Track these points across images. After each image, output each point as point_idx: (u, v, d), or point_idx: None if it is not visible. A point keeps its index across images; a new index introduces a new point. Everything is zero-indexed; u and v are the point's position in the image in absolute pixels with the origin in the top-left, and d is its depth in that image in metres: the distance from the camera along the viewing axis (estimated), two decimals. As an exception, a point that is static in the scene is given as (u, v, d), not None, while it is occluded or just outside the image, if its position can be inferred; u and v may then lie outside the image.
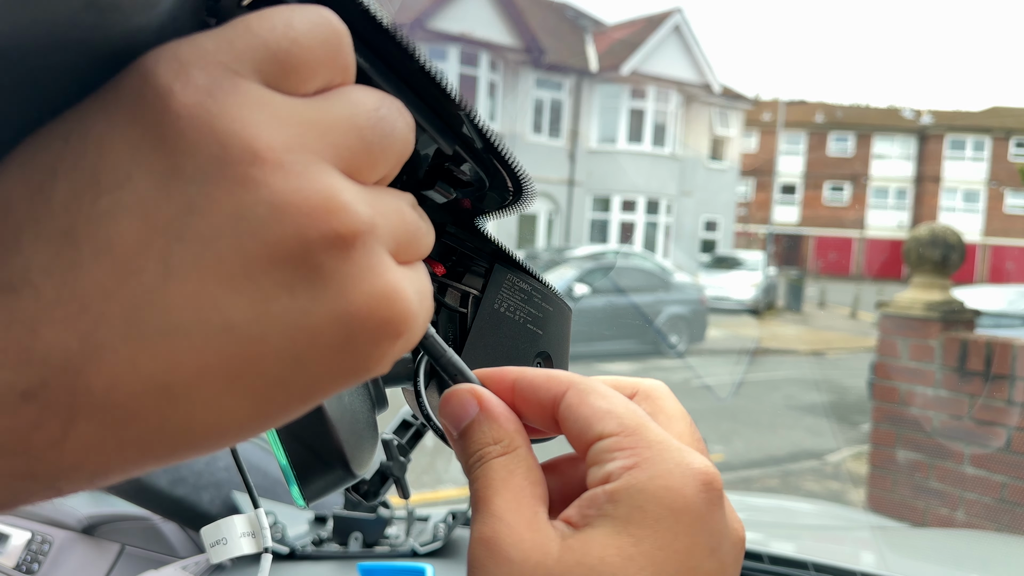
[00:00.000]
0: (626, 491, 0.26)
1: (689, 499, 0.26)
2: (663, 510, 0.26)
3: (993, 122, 28.36)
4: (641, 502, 0.26)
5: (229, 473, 0.98)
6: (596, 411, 0.28)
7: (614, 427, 0.28)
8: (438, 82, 0.26)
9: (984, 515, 2.83)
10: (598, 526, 0.26)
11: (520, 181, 0.33)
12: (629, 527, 0.25)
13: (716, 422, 6.05)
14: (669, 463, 0.26)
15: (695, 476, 0.26)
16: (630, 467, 0.26)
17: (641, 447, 0.27)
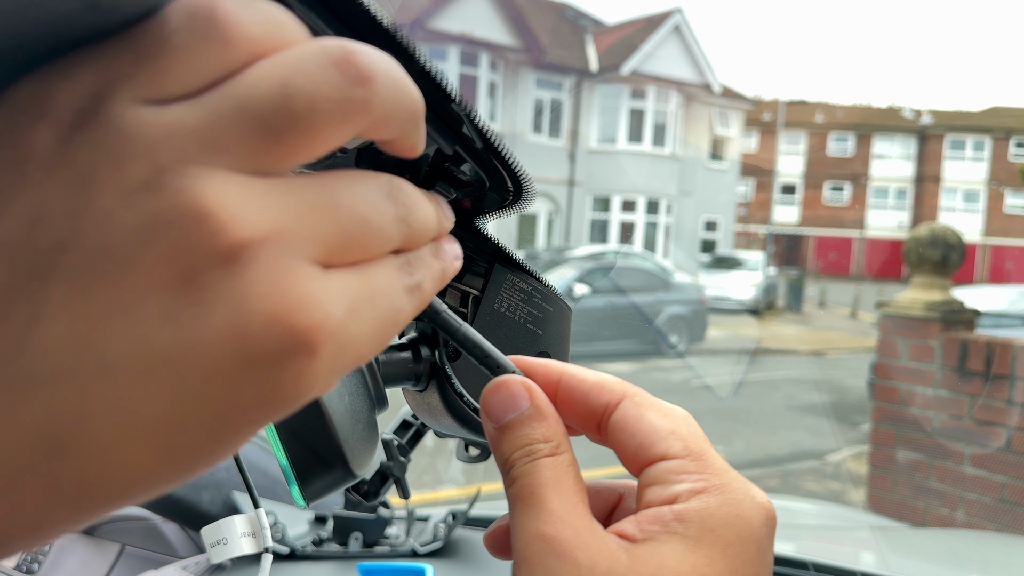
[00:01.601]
0: (697, 513, 0.26)
1: (756, 530, 0.26)
2: (734, 537, 0.26)
3: (993, 122, 28.36)
4: (713, 526, 0.26)
5: (229, 473, 0.98)
6: (658, 430, 0.28)
7: (679, 450, 0.28)
8: (438, 82, 0.26)
9: (984, 515, 2.83)
10: (667, 543, 0.26)
11: (520, 181, 0.33)
12: (702, 547, 0.26)
13: (716, 422, 6.05)
14: (739, 493, 0.27)
15: (760, 509, 0.27)
16: (699, 491, 0.27)
17: (709, 473, 0.27)
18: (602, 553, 0.25)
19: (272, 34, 0.18)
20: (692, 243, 19.66)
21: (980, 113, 30.02)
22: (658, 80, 17.98)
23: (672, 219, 18.63)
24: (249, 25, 0.18)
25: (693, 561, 0.25)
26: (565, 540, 0.26)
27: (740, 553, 0.26)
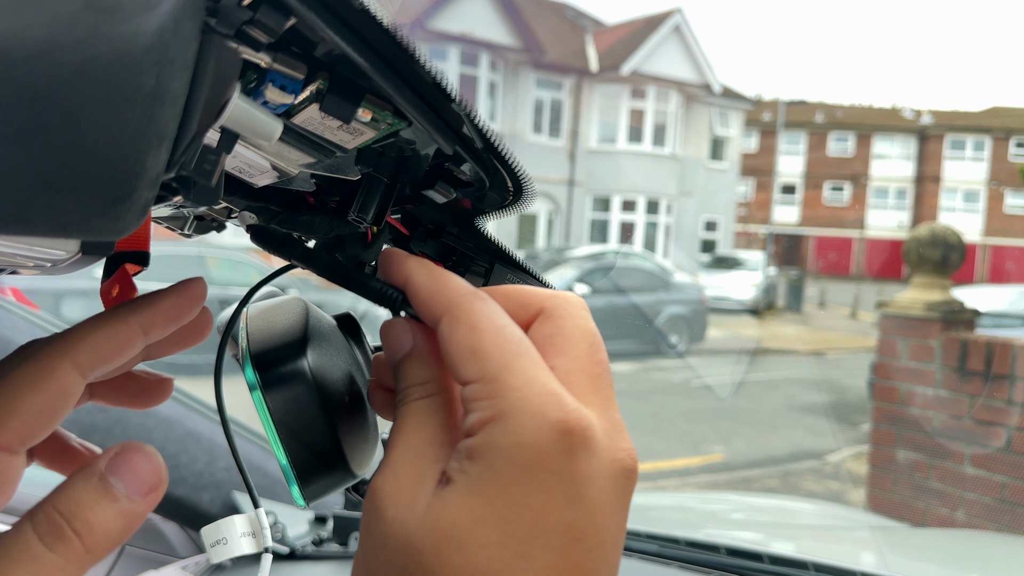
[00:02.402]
0: (480, 449, 0.25)
1: (542, 452, 0.24)
2: (514, 467, 0.24)
3: (993, 122, 28.35)
4: (493, 460, 0.24)
5: (229, 473, 0.98)
6: (461, 350, 0.26)
7: (475, 372, 0.26)
8: (438, 82, 0.26)
9: (984, 515, 2.83)
10: (456, 487, 0.25)
11: (520, 181, 0.33)
12: (481, 486, 0.24)
13: (716, 422, 6.05)
14: (524, 415, 0.24)
15: (551, 428, 0.24)
16: (486, 420, 0.25)
17: (499, 397, 0.25)
18: (406, 504, 0.25)
19: None
20: (692, 243, 19.65)
21: (980, 113, 30.01)
22: (658, 80, 17.97)
23: (672, 219, 18.62)
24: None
25: (471, 504, 0.24)
26: (385, 492, 0.26)
27: (523, 483, 0.24)
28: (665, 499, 2.55)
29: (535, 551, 0.24)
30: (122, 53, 0.18)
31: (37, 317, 0.96)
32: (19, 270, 0.32)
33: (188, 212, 0.41)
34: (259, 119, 0.26)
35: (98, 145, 0.20)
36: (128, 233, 0.24)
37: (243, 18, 0.22)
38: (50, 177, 0.20)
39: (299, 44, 0.25)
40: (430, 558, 0.24)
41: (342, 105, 0.27)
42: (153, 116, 0.21)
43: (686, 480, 4.63)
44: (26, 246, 0.26)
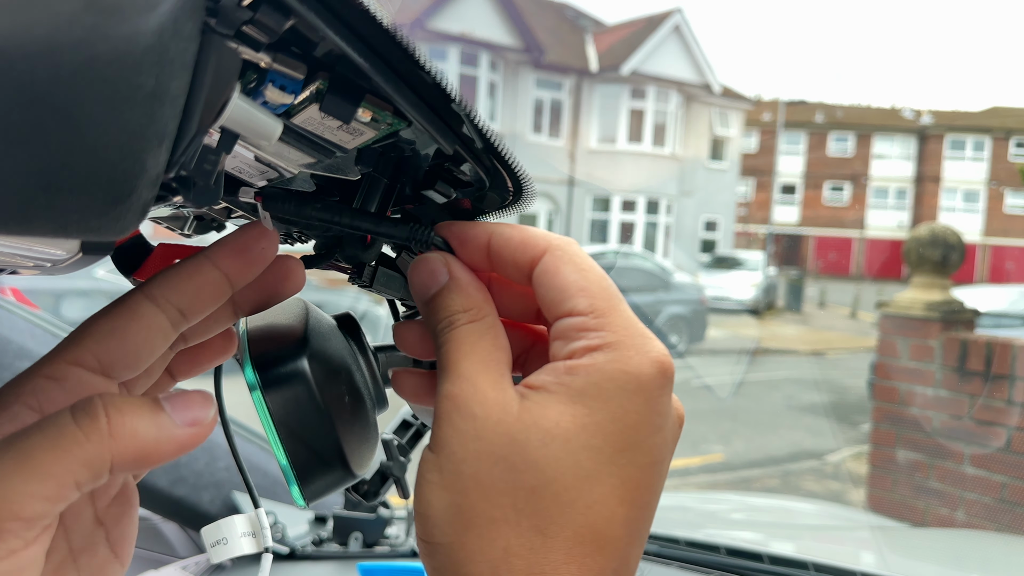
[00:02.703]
0: (585, 368, 0.28)
1: (644, 382, 0.28)
2: (617, 389, 0.28)
3: (993, 122, 28.36)
4: (598, 380, 0.28)
5: (229, 473, 0.98)
6: (570, 286, 0.29)
7: (584, 307, 0.29)
8: (438, 82, 0.26)
9: (984, 515, 2.83)
10: (554, 393, 0.28)
11: (520, 181, 0.33)
12: (584, 398, 0.27)
13: (716, 422, 6.05)
14: (631, 349, 0.28)
15: (652, 362, 0.28)
16: (593, 348, 0.28)
17: (607, 330, 0.28)
18: (497, 405, 0.28)
19: None
20: (692, 243, 19.66)
21: (980, 113, 30.03)
22: (658, 80, 17.97)
23: (672, 219, 18.63)
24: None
25: (574, 411, 0.27)
26: (466, 397, 0.28)
27: (624, 403, 0.28)
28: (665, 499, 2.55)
29: (623, 461, 0.28)
30: (122, 53, 0.18)
31: (37, 317, 0.96)
32: (19, 270, 0.32)
33: (188, 212, 0.41)
34: (259, 119, 0.26)
35: (98, 145, 0.20)
36: (128, 233, 0.24)
37: (243, 18, 0.22)
38: (50, 177, 0.20)
39: (299, 44, 0.25)
40: (535, 449, 0.27)
41: (342, 105, 0.27)
42: (153, 116, 0.21)
43: (686, 480, 4.63)
44: (26, 246, 0.26)
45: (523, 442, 0.27)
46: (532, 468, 0.27)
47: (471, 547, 0.27)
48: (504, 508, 0.27)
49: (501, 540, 0.27)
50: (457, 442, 0.28)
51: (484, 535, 0.27)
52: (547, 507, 0.27)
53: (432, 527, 0.28)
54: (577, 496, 0.27)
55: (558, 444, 0.27)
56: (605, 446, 0.27)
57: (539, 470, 0.27)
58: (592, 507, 0.27)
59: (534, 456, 0.27)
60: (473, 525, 0.27)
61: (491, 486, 0.27)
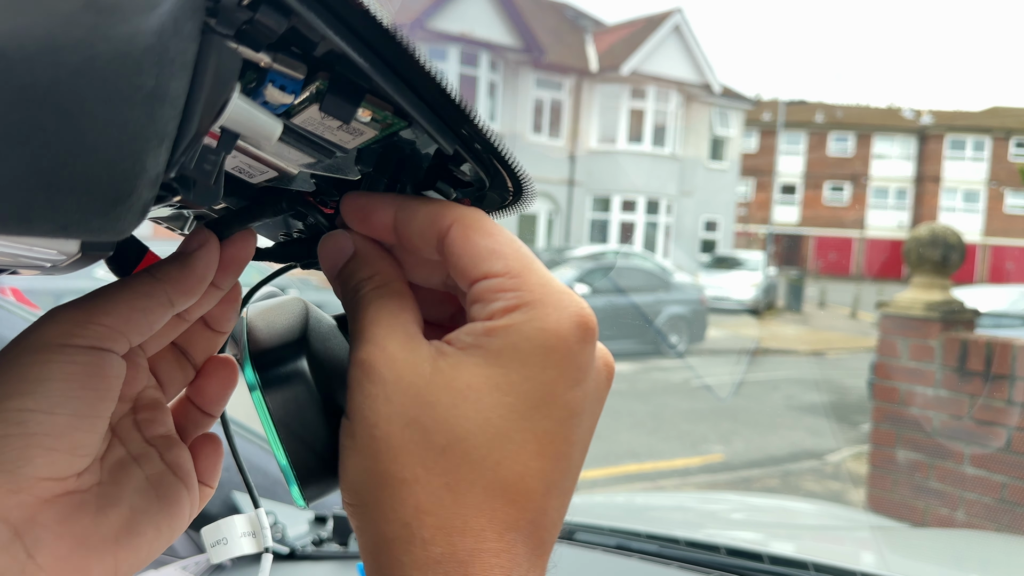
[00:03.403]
0: (504, 329, 0.28)
1: (562, 338, 0.28)
2: (535, 347, 0.28)
3: (993, 122, 28.36)
4: (516, 339, 0.28)
5: (229, 473, 0.98)
6: (481, 250, 0.29)
7: (500, 268, 0.29)
8: (438, 82, 0.26)
9: (984, 515, 2.83)
10: (471, 355, 0.28)
11: (520, 181, 0.33)
12: (500, 359, 0.28)
13: (716, 422, 6.05)
14: (548, 306, 0.28)
15: (570, 317, 0.28)
16: (511, 308, 0.28)
17: (524, 290, 0.28)
18: (408, 367, 0.28)
19: None
20: (692, 243, 19.65)
21: (980, 113, 30.02)
22: (658, 80, 17.97)
23: (672, 219, 18.62)
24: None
25: (488, 372, 0.28)
26: (375, 360, 0.29)
27: (539, 360, 0.28)
28: (665, 499, 2.55)
29: (538, 418, 0.28)
30: (122, 53, 0.18)
31: (37, 317, 0.96)
32: (19, 270, 0.32)
33: (188, 212, 0.41)
34: (259, 119, 0.26)
35: (98, 145, 0.20)
36: (128, 233, 0.24)
37: (243, 18, 0.22)
38: (50, 177, 0.20)
39: (299, 44, 0.25)
40: (445, 410, 0.28)
41: (342, 105, 0.27)
42: (153, 116, 0.21)
43: (686, 480, 4.63)
44: (26, 246, 0.26)
45: (433, 403, 0.28)
46: (442, 428, 0.28)
47: (384, 507, 0.28)
48: (414, 468, 0.28)
49: (412, 499, 0.28)
50: (368, 407, 0.28)
51: (395, 495, 0.28)
52: (457, 465, 0.27)
53: (349, 490, 0.29)
54: (487, 453, 0.28)
55: (469, 404, 0.28)
56: (518, 403, 0.28)
57: (448, 429, 0.27)
58: (502, 463, 0.28)
59: (443, 416, 0.28)
60: (385, 486, 0.28)
61: (401, 447, 0.28)
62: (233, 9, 0.22)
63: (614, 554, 1.05)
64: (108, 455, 0.33)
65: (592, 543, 1.07)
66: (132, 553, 0.32)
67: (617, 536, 1.07)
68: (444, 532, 0.27)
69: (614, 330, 8.09)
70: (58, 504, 0.29)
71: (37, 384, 0.28)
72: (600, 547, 1.06)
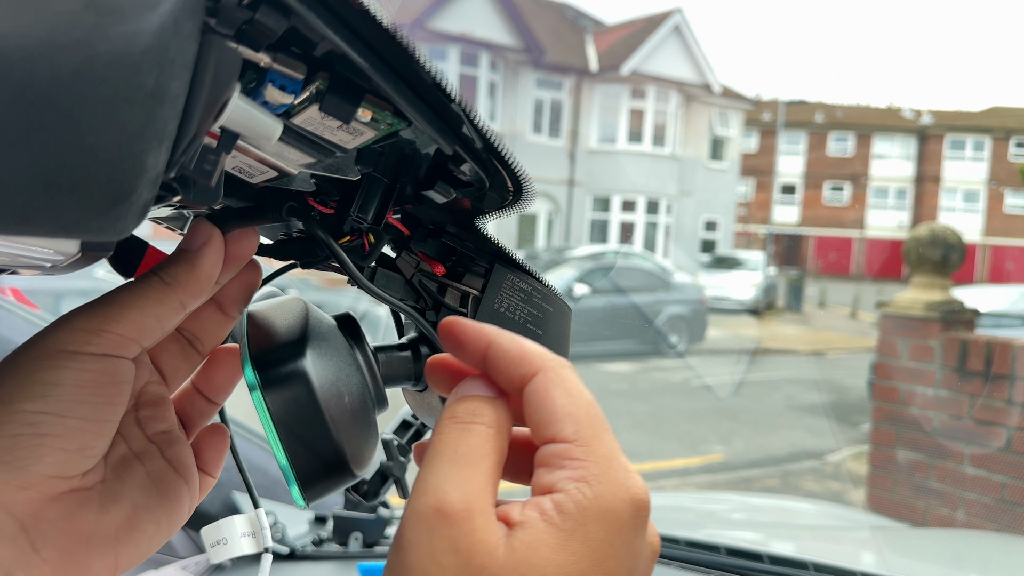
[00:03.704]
0: (574, 506, 0.27)
1: (624, 523, 0.27)
2: (602, 532, 0.27)
3: (993, 122, 28.35)
4: (584, 520, 0.27)
5: (229, 473, 0.98)
6: (557, 411, 0.29)
7: (569, 433, 0.28)
8: (438, 82, 0.26)
9: (984, 515, 2.83)
10: (542, 534, 0.27)
11: (520, 181, 0.33)
12: (572, 542, 0.27)
13: (716, 422, 6.05)
14: (613, 484, 0.28)
15: (632, 501, 0.28)
16: (577, 480, 0.27)
17: (590, 461, 0.28)
18: (484, 544, 0.26)
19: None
20: (692, 243, 19.65)
21: (980, 113, 30.00)
22: (658, 80, 17.97)
23: (672, 219, 18.62)
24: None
25: (560, 560, 0.26)
26: (456, 523, 0.26)
27: (606, 548, 0.27)
28: (665, 499, 2.55)
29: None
30: (122, 53, 0.18)
31: (37, 317, 0.96)
32: (19, 270, 0.32)
33: (188, 212, 0.41)
34: (259, 119, 0.26)
35: (98, 145, 0.20)
36: (128, 233, 0.24)
37: (243, 18, 0.22)
38: (50, 177, 0.20)
39: (299, 44, 0.25)
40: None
41: (342, 105, 0.27)
42: (153, 116, 0.21)
43: (686, 480, 4.63)
44: (26, 246, 0.26)
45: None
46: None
47: None
48: None
49: None
50: (431, 570, 0.26)
51: None
52: None
53: None
54: None
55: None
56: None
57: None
58: None
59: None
60: None
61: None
62: (233, 9, 0.22)
63: (614, 554, 1.05)
64: (111, 453, 0.33)
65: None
66: (132, 548, 0.32)
67: (617, 536, 1.07)
68: None
69: (614, 330, 8.09)
70: (63, 501, 0.30)
71: (51, 388, 0.29)
72: (600, 547, 1.06)
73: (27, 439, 0.28)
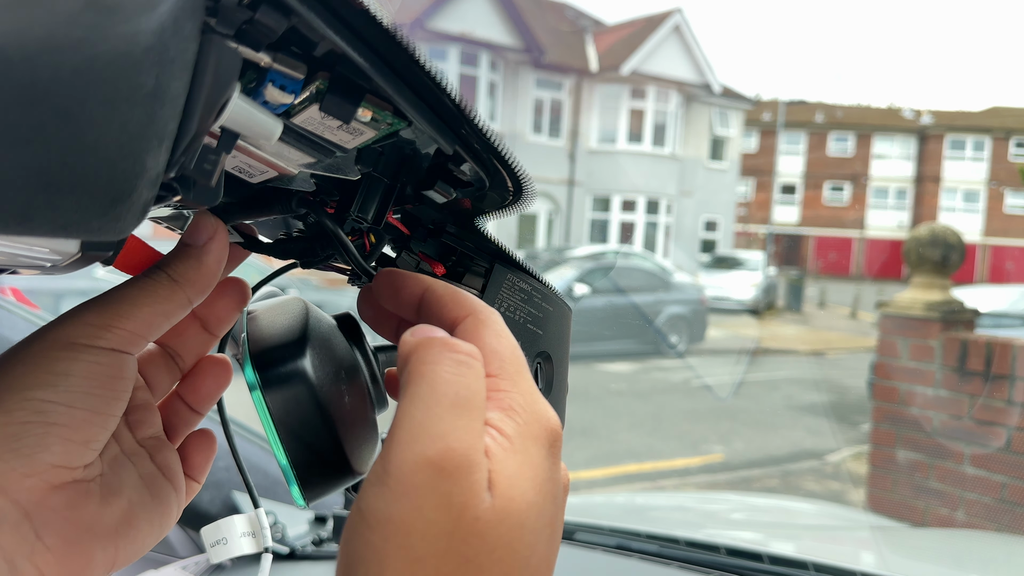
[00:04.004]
0: (512, 432, 0.29)
1: (547, 448, 0.30)
2: (537, 455, 0.30)
3: (993, 122, 28.34)
4: (525, 446, 0.29)
5: (229, 473, 0.98)
6: (484, 346, 0.31)
7: (495, 368, 0.31)
8: (438, 82, 0.26)
9: (984, 515, 2.83)
10: (508, 467, 0.28)
11: (520, 181, 0.33)
12: (524, 470, 0.29)
13: (716, 422, 6.05)
14: (536, 414, 0.30)
15: (551, 430, 0.31)
16: (504, 409, 0.30)
17: (515, 392, 0.30)
18: (475, 495, 0.27)
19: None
20: (692, 243, 19.65)
21: (980, 113, 30.00)
22: (658, 80, 17.97)
23: (672, 219, 18.62)
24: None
25: (523, 486, 0.28)
26: (453, 473, 0.27)
27: (543, 468, 0.29)
28: (665, 499, 2.55)
29: (552, 523, 0.30)
30: (122, 53, 0.18)
31: (37, 317, 0.96)
32: (19, 270, 0.32)
33: (188, 212, 0.41)
34: (259, 119, 0.26)
35: (98, 145, 0.20)
36: (128, 233, 0.24)
37: (243, 18, 0.22)
38: (50, 177, 0.20)
39: (299, 44, 0.25)
40: (503, 547, 0.27)
41: (342, 105, 0.27)
42: (153, 116, 0.21)
43: (686, 480, 4.63)
44: (26, 246, 0.26)
45: (493, 541, 0.27)
46: (496, 566, 0.27)
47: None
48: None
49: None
50: (420, 537, 0.26)
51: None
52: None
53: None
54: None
55: (519, 536, 0.28)
56: (542, 523, 0.29)
57: (502, 566, 0.27)
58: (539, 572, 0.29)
59: (501, 555, 0.27)
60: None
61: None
62: (233, 9, 0.22)
63: (614, 554, 1.05)
64: (106, 451, 0.34)
65: (592, 543, 1.07)
66: (129, 543, 0.33)
67: (617, 536, 1.07)
68: None
69: (614, 330, 8.09)
70: (67, 490, 0.30)
71: (61, 378, 0.30)
72: (600, 547, 1.06)
73: (35, 427, 0.29)
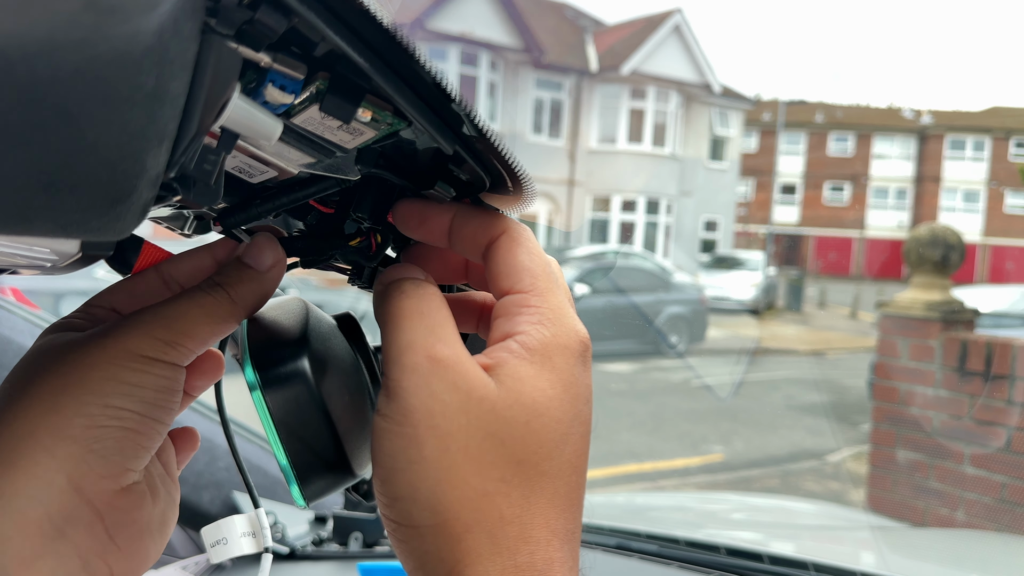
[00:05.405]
0: (537, 342, 0.31)
1: (577, 356, 0.32)
2: (563, 362, 0.31)
3: (993, 122, 28.34)
4: (549, 354, 0.31)
5: (229, 473, 0.98)
6: (518, 263, 0.33)
7: (527, 284, 0.32)
8: (438, 82, 0.26)
9: (984, 515, 2.83)
10: (519, 369, 0.30)
11: (520, 181, 0.33)
12: (544, 372, 0.31)
13: (716, 422, 6.05)
14: (565, 326, 0.32)
15: (581, 340, 0.32)
16: (535, 323, 0.31)
17: (546, 308, 0.32)
18: (478, 380, 0.30)
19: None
20: (692, 243, 19.64)
21: (980, 113, 30.00)
22: (658, 80, 17.96)
23: (672, 219, 18.62)
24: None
25: (542, 385, 0.30)
26: (459, 367, 0.30)
27: (569, 375, 0.31)
28: (665, 499, 2.55)
29: (579, 420, 0.31)
30: (122, 53, 0.19)
31: (37, 317, 0.96)
32: (19, 270, 0.32)
33: (188, 212, 0.41)
34: (259, 119, 0.26)
35: (98, 145, 0.20)
36: (128, 233, 0.24)
37: (243, 18, 0.22)
38: (50, 177, 0.20)
39: (299, 44, 0.25)
40: (521, 425, 0.30)
41: (342, 105, 0.27)
42: (153, 116, 0.21)
43: (686, 480, 4.63)
44: (26, 246, 0.26)
45: (509, 419, 0.29)
46: (519, 442, 0.30)
47: (467, 520, 0.29)
48: (495, 480, 0.29)
49: (495, 510, 0.29)
50: (441, 415, 0.29)
51: (480, 507, 0.29)
52: (530, 477, 0.30)
53: (419, 510, 0.29)
54: (551, 465, 0.30)
55: (538, 420, 0.30)
56: (564, 416, 0.31)
57: (524, 444, 0.30)
58: (560, 474, 0.30)
59: (520, 432, 0.30)
60: (467, 499, 0.29)
61: (481, 459, 0.29)
62: (233, 9, 0.22)
63: (614, 554, 1.05)
64: None
65: (592, 543, 1.07)
66: (163, 541, 0.35)
67: (617, 536, 1.07)
68: (524, 542, 0.29)
69: (614, 330, 8.08)
70: (131, 492, 0.32)
71: (136, 389, 0.31)
72: (600, 547, 1.06)
73: (113, 431, 0.31)
